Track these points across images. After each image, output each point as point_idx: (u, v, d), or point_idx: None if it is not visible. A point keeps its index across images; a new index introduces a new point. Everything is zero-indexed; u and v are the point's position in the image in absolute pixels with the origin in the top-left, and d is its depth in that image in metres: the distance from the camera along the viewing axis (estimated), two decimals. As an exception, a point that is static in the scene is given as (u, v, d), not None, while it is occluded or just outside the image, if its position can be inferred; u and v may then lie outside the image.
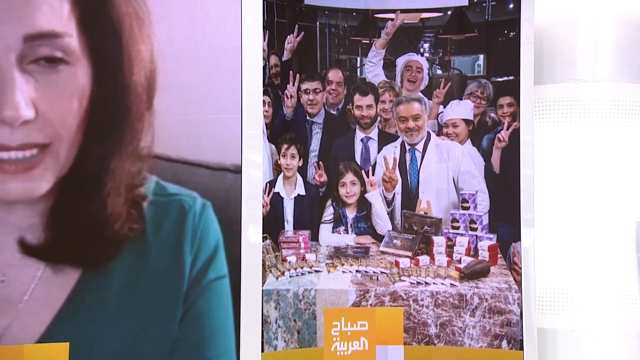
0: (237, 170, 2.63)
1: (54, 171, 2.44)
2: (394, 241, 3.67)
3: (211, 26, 2.66)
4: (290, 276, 3.56)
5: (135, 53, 2.53)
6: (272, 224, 3.48)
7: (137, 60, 2.53)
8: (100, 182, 2.49)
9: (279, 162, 3.54)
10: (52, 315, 2.50)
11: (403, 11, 3.68)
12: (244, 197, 2.67)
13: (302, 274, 3.60)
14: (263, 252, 3.21)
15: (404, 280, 3.63)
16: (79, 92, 2.44)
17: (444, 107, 3.65)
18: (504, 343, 3.56)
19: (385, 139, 3.69)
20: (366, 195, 3.67)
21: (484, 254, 3.59)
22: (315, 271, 3.62)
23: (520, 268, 3.53)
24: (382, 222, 3.68)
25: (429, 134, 3.66)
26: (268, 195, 3.47)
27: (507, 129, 3.56)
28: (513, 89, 3.56)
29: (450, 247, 3.63)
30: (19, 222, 2.46)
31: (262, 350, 3.16)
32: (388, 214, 3.68)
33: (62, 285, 2.50)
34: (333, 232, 3.68)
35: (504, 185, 3.57)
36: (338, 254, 3.67)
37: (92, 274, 2.50)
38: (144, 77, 2.54)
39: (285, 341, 3.52)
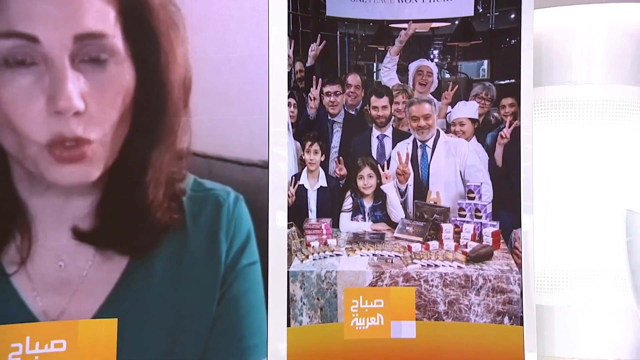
0: (265, 166, 2.63)
1: (102, 159, 2.43)
2: (407, 228, 3.68)
3: (241, 36, 2.66)
4: (313, 259, 3.59)
5: (172, 58, 2.52)
6: (297, 213, 3.50)
7: (174, 64, 2.52)
8: (142, 174, 2.50)
9: (303, 157, 3.55)
10: (104, 296, 2.52)
11: (415, 21, 3.68)
12: (271, 188, 2.67)
13: (324, 257, 3.62)
14: (289, 238, 3.23)
15: (415, 263, 3.65)
16: (123, 90, 2.42)
17: (452, 108, 3.65)
18: (506, 319, 3.58)
19: (398, 136, 3.69)
20: (382, 187, 3.69)
21: (488, 240, 3.60)
22: (336, 255, 3.65)
23: (521, 252, 3.54)
24: (396, 210, 3.70)
25: (438, 132, 3.66)
26: (294, 187, 3.49)
27: (509, 127, 3.57)
28: (514, 91, 3.56)
29: (457, 233, 3.64)
30: (74, 212, 2.47)
31: (289, 325, 3.18)
32: (401, 203, 3.70)
33: (113, 269, 2.51)
34: (352, 220, 3.69)
35: (506, 177, 3.57)
36: (356, 239, 3.68)
37: (138, 260, 2.53)
38: (179, 80, 2.55)
39: (309, 317, 3.55)
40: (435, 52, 3.70)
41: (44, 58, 2.30)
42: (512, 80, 3.57)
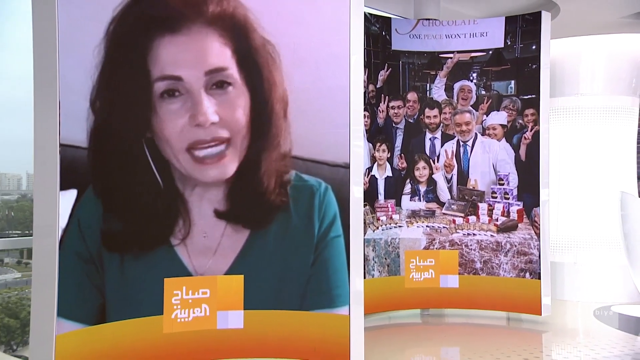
0: (347, 166, 2.64)
1: (236, 160, 2.52)
2: (452, 206, 3.71)
3: (329, 70, 2.67)
4: (382, 230, 3.67)
5: (272, 81, 2.57)
6: (370, 196, 3.59)
7: (274, 86, 2.57)
8: (259, 168, 2.58)
9: (374, 155, 3.61)
10: (233, 258, 2.61)
11: (458, 52, 3.71)
12: (351, 177, 2.68)
13: (390, 228, 3.70)
14: (364, 214, 3.28)
15: (458, 232, 3.71)
16: (242, 107, 2.51)
17: (487, 116, 3.67)
18: (527, 274, 3.60)
19: (446, 138, 3.73)
20: (433, 176, 3.73)
21: (514, 215, 3.62)
22: (399, 226, 3.72)
23: (539, 225, 3.53)
24: (443, 193, 3.73)
25: (476, 135, 3.67)
26: (367, 177, 3.55)
27: (531, 131, 3.58)
28: (535, 103, 3.58)
29: (490, 211, 3.68)
30: (211, 198, 2.57)
31: (365, 278, 3.24)
32: (448, 188, 3.73)
33: (239, 238, 2.60)
34: (410, 200, 3.74)
35: (528, 169, 3.60)
36: (414, 214, 3.73)
37: (257, 231, 2.61)
38: (279, 97, 2.60)
39: (379, 272, 3.64)
40: (474, 74, 3.70)
41: (186, 89, 2.45)
42: (533, 96, 3.58)
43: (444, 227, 3.72)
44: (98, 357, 2.40)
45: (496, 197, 3.67)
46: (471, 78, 3.72)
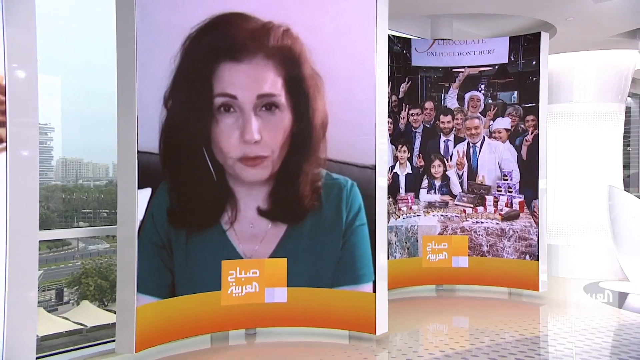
0: (373, 168, 2.67)
1: (271, 167, 2.58)
2: (463, 198, 3.71)
3: (358, 87, 2.69)
4: (403, 218, 3.69)
5: (316, 108, 2.61)
6: (392, 190, 3.61)
7: (317, 112, 2.61)
8: (297, 177, 2.62)
9: (396, 155, 3.62)
10: (276, 244, 2.66)
11: (469, 67, 3.70)
12: (377, 170, 2.69)
13: (409, 217, 3.72)
14: (387, 205, 3.30)
15: (468, 220, 3.70)
16: (285, 127, 2.56)
17: (493, 122, 3.66)
18: (527, 257, 3.59)
19: (458, 140, 3.73)
20: (447, 172, 3.73)
21: (516, 206, 3.62)
22: (417, 215, 3.74)
23: (538, 214, 3.52)
24: (456, 187, 3.73)
25: (484, 137, 3.66)
26: (390, 174, 3.57)
27: (531, 134, 3.56)
28: (535, 110, 3.56)
29: (496, 202, 3.66)
30: (256, 196, 2.62)
31: (388, 258, 3.26)
32: (459, 183, 3.72)
33: (280, 228, 2.65)
34: (427, 193, 3.75)
35: (529, 167, 3.58)
36: (430, 205, 3.74)
37: (293, 225, 2.66)
38: (320, 121, 2.63)
39: (400, 254, 3.67)
40: (482, 86, 3.69)
41: (239, 108, 2.52)
42: (533, 104, 3.56)
43: (456, 216, 3.72)
44: (169, 324, 2.54)
45: (501, 191, 3.66)
46: (480, 89, 3.70)
